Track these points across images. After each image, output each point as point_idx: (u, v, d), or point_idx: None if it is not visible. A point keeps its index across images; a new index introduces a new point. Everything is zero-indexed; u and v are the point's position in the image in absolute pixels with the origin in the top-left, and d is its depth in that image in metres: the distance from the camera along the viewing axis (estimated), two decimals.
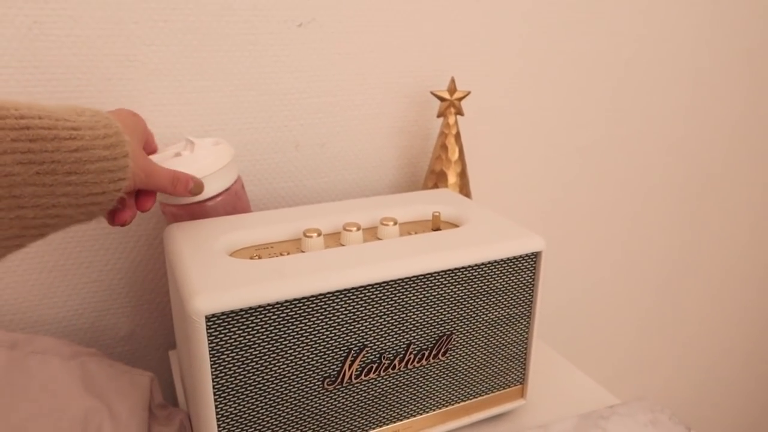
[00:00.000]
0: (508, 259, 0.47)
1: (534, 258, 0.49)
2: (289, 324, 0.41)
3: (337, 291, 0.42)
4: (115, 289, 0.61)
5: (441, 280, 0.45)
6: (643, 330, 1.03)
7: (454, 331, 0.47)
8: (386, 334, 0.45)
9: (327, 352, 0.43)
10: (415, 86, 0.68)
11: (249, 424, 0.42)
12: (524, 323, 0.51)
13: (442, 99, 0.63)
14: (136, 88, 0.56)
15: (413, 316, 0.45)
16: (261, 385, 0.41)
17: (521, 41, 0.73)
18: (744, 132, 0.98)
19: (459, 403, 0.50)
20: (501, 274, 0.48)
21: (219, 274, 0.41)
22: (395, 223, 0.50)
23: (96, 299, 0.60)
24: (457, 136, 0.64)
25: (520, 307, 0.50)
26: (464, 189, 0.65)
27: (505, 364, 0.51)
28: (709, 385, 1.18)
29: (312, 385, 0.43)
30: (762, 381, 1.26)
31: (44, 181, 0.34)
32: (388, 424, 0.48)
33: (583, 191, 0.85)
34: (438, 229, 0.52)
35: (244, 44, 0.59)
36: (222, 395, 0.40)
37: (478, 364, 0.50)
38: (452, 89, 0.63)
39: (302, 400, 0.43)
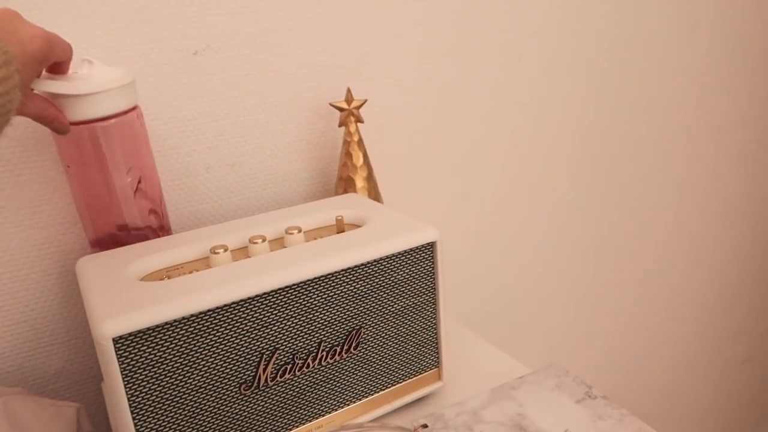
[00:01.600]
0: (404, 251, 0.51)
1: (430, 248, 0.53)
2: (198, 337, 0.43)
3: (241, 300, 0.44)
4: (40, 328, 0.62)
5: (343, 278, 0.48)
6: (564, 308, 1.09)
7: (363, 325, 0.51)
8: (296, 336, 0.47)
9: (240, 359, 0.45)
10: (316, 100, 0.71)
11: None
12: (431, 310, 0.54)
13: (341, 109, 0.67)
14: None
15: (321, 316, 0.48)
16: (178, 399, 0.43)
17: (414, 45, 0.77)
18: (649, 105, 1.05)
19: (378, 392, 0.54)
20: (401, 267, 0.51)
21: (126, 298, 0.43)
22: (300, 231, 0.53)
23: (21, 340, 0.61)
24: (360, 143, 0.68)
25: (424, 296, 0.54)
26: (373, 192, 0.69)
27: (418, 351, 0.55)
28: (630, 362, 1.25)
29: (229, 392, 0.45)
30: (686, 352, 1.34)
31: None
32: (311, 420, 0.50)
33: (492, 181, 0.90)
34: (342, 231, 0.55)
35: (143, 76, 0.61)
36: (139, 413, 0.42)
37: (391, 353, 0.53)
38: (349, 99, 0.67)
39: (221, 407, 0.45)
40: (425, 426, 0.52)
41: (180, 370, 0.43)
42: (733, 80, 1.16)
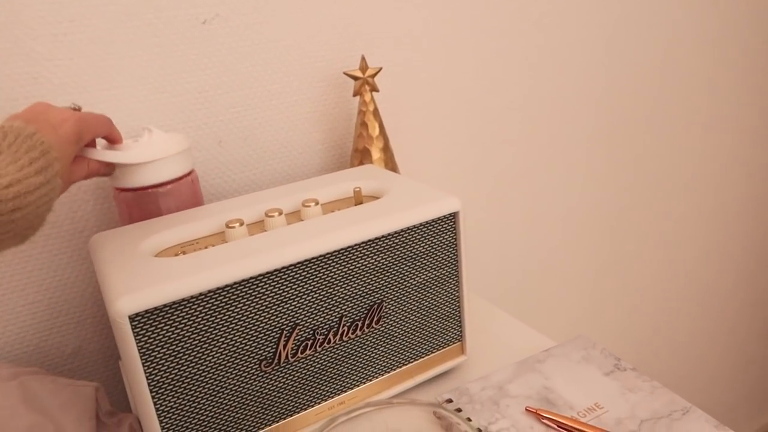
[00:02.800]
0: (426, 222, 0.49)
1: (452, 219, 0.51)
2: (216, 313, 0.42)
3: (260, 275, 0.43)
4: (56, 307, 0.61)
5: (364, 251, 0.47)
6: (584, 279, 1.07)
7: (385, 299, 0.49)
8: (316, 310, 0.46)
9: (259, 336, 0.44)
10: (329, 69, 0.69)
11: (190, 415, 0.43)
12: (453, 283, 0.53)
13: (355, 78, 0.65)
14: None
15: (341, 290, 0.47)
16: (198, 377, 0.42)
17: (431, 13, 0.74)
18: (670, 71, 1.02)
19: (401, 367, 0.52)
20: (422, 239, 0.50)
21: (142, 275, 0.42)
22: (317, 204, 0.52)
23: (37, 320, 0.60)
24: (375, 113, 0.65)
25: (446, 268, 0.52)
26: (390, 163, 0.67)
27: (441, 324, 0.53)
28: (652, 333, 1.23)
29: (249, 368, 0.44)
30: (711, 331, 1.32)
31: None
32: (332, 397, 0.49)
33: (509, 151, 0.88)
34: (360, 203, 0.54)
35: (150, 47, 0.59)
36: (158, 391, 0.41)
37: (413, 327, 0.52)
38: (364, 67, 0.65)
39: (241, 384, 0.44)
40: (450, 401, 0.50)
41: (199, 348, 0.42)
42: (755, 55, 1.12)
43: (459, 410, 0.49)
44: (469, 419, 0.48)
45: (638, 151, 1.04)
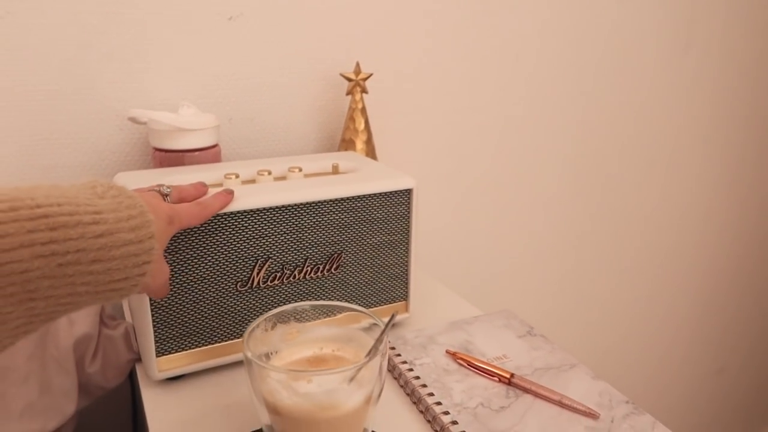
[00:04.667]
0: (384, 193, 0.61)
1: (407, 195, 0.62)
2: (208, 235, 0.53)
3: (243, 211, 0.54)
4: None
5: (330, 208, 0.58)
6: (542, 293, 1.17)
7: (344, 251, 0.61)
8: (286, 250, 0.58)
9: (239, 261, 0.55)
10: (331, 71, 0.82)
11: (177, 316, 0.54)
12: (403, 249, 0.64)
13: (349, 79, 0.77)
14: (91, 70, 0.69)
15: (308, 236, 0.58)
16: (186, 286, 0.54)
17: (423, 32, 0.87)
18: (639, 106, 1.14)
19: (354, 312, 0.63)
20: (380, 206, 0.61)
21: None
22: (300, 170, 0.64)
23: None
24: (362, 110, 0.78)
25: (398, 235, 0.63)
26: (370, 154, 0.79)
27: (390, 283, 0.65)
28: (602, 353, 1.33)
29: (228, 287, 0.56)
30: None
31: (65, 272, 0.32)
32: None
33: (481, 165, 1.00)
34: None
35: (182, 33, 0.72)
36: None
37: (366, 280, 0.63)
38: (357, 71, 0.77)
39: (220, 299, 0.56)
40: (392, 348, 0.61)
41: (190, 262, 0.53)
42: (722, 91, 1.24)
43: (392, 348, 0.60)
44: (393, 348, 0.59)
45: (604, 183, 1.15)
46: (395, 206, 0.62)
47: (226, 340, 0.57)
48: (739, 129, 1.29)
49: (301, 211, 0.57)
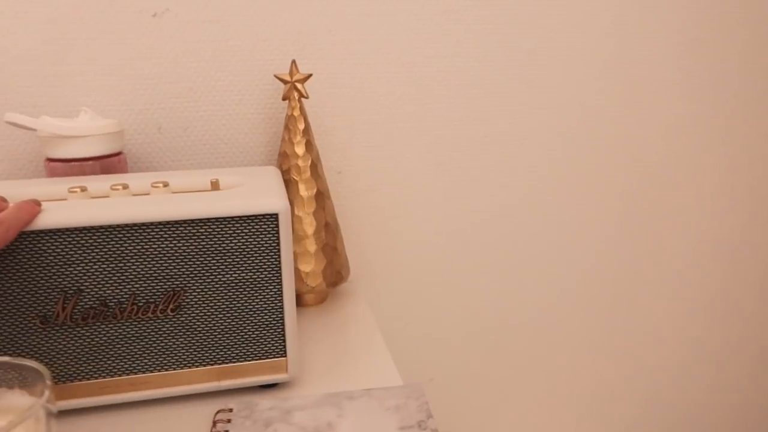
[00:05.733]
0: (235, 217, 0.47)
1: (273, 221, 0.48)
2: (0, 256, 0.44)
3: (46, 230, 0.44)
4: None
5: (158, 232, 0.46)
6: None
7: (185, 289, 0.48)
8: (104, 282, 0.46)
9: (38, 292, 0.45)
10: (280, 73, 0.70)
11: None
12: (273, 290, 0.50)
13: (284, 82, 0.65)
14: (2, 73, 0.65)
15: (133, 267, 0.47)
16: None
17: (374, 34, 0.72)
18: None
19: (205, 366, 0.50)
20: (233, 235, 0.48)
21: None
22: (165, 185, 0.52)
23: None
24: (299, 118, 0.65)
25: (264, 272, 0.49)
26: (312, 170, 0.65)
27: (258, 333, 0.50)
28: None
29: (25, 322, 0.46)
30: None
31: None
32: (123, 375, 0.49)
33: (433, 176, 0.81)
34: None
35: (101, 33, 0.65)
36: None
37: (222, 327, 0.50)
38: (293, 72, 0.64)
39: (15, 336, 0.46)
40: (230, 410, 0.47)
41: None
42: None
43: (229, 420, 0.46)
44: (228, 422, 0.44)
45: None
46: (256, 235, 0.48)
47: None
48: None
49: (121, 235, 0.46)
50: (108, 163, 0.62)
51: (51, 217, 0.45)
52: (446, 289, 0.83)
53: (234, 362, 0.51)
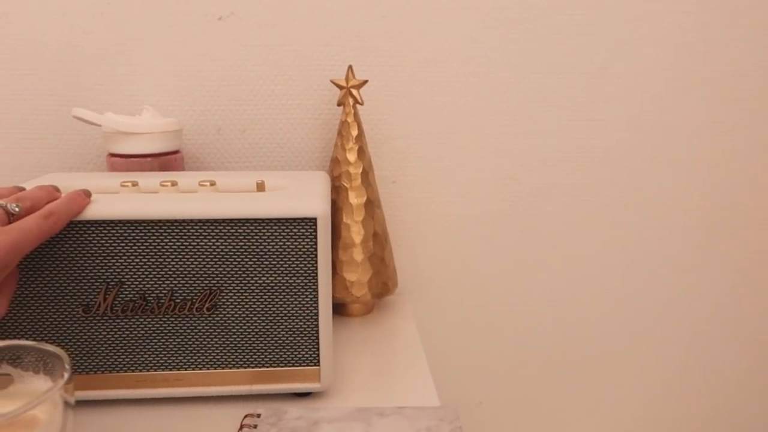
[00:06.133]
0: (273, 219, 0.47)
1: (311, 225, 0.47)
2: (47, 246, 0.45)
3: (91, 221, 0.45)
4: None
5: (196, 230, 0.46)
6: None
7: (222, 288, 0.48)
8: (145, 276, 0.47)
9: (83, 281, 0.46)
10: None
11: (10, 336, 0.47)
12: (308, 296, 0.49)
13: (340, 87, 0.64)
14: (77, 70, 0.68)
15: (172, 263, 0.47)
16: (22, 301, 0.46)
17: (439, 44, 0.70)
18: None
19: (238, 368, 0.50)
20: (270, 237, 0.47)
21: None
22: (212, 184, 0.53)
23: None
24: (353, 124, 0.64)
25: (300, 277, 0.48)
26: (363, 178, 0.64)
27: (292, 339, 0.49)
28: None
29: (69, 311, 0.47)
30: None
31: None
32: (158, 370, 0.49)
33: (488, 190, 0.77)
34: None
35: (168, 35, 0.67)
36: None
37: (256, 330, 0.49)
38: (349, 77, 0.64)
39: (59, 324, 0.47)
40: (258, 415, 0.46)
41: (27, 273, 0.46)
42: None
43: (255, 426, 0.45)
44: (255, 427, 0.43)
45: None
46: (293, 238, 0.47)
47: None
48: None
49: (161, 230, 0.46)
50: (165, 160, 0.63)
51: (98, 209, 0.46)
52: (499, 309, 0.80)
53: (266, 367, 0.50)
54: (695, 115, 0.76)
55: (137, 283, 0.47)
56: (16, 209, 0.42)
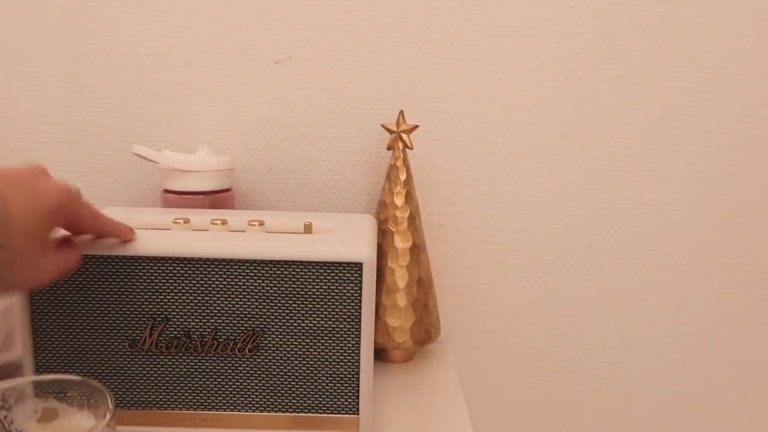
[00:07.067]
0: (320, 263, 0.46)
1: (356, 270, 0.47)
2: (97, 279, 0.47)
3: (138, 257, 0.46)
4: None
5: (242, 270, 0.47)
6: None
7: (265, 330, 0.48)
8: (190, 313, 0.47)
9: (130, 316, 0.47)
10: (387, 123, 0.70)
11: (57, 366, 0.48)
12: (350, 341, 0.48)
13: (390, 131, 0.65)
14: (142, 108, 0.70)
15: (217, 301, 0.47)
16: (69, 333, 0.47)
17: (490, 92, 0.70)
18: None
19: (277, 412, 0.49)
20: (315, 280, 0.47)
21: None
22: (261, 224, 0.53)
23: None
24: (402, 168, 0.64)
25: (343, 322, 0.48)
26: (412, 222, 0.64)
27: (333, 385, 0.49)
28: None
29: (115, 344, 0.48)
30: None
31: None
32: (197, 410, 0.49)
33: (538, 250, 0.74)
34: None
35: (227, 77, 0.70)
36: (39, 333, 0.47)
37: (297, 374, 0.48)
38: (399, 122, 0.64)
39: (104, 357, 0.48)
40: None
41: (75, 306, 0.47)
42: None
43: None
44: None
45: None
46: (338, 283, 0.47)
47: None
48: None
49: (207, 268, 0.47)
50: (217, 198, 0.64)
51: (147, 245, 0.46)
52: (545, 363, 0.77)
53: (305, 412, 0.49)
54: (757, 171, 0.73)
55: (182, 320, 0.47)
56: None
